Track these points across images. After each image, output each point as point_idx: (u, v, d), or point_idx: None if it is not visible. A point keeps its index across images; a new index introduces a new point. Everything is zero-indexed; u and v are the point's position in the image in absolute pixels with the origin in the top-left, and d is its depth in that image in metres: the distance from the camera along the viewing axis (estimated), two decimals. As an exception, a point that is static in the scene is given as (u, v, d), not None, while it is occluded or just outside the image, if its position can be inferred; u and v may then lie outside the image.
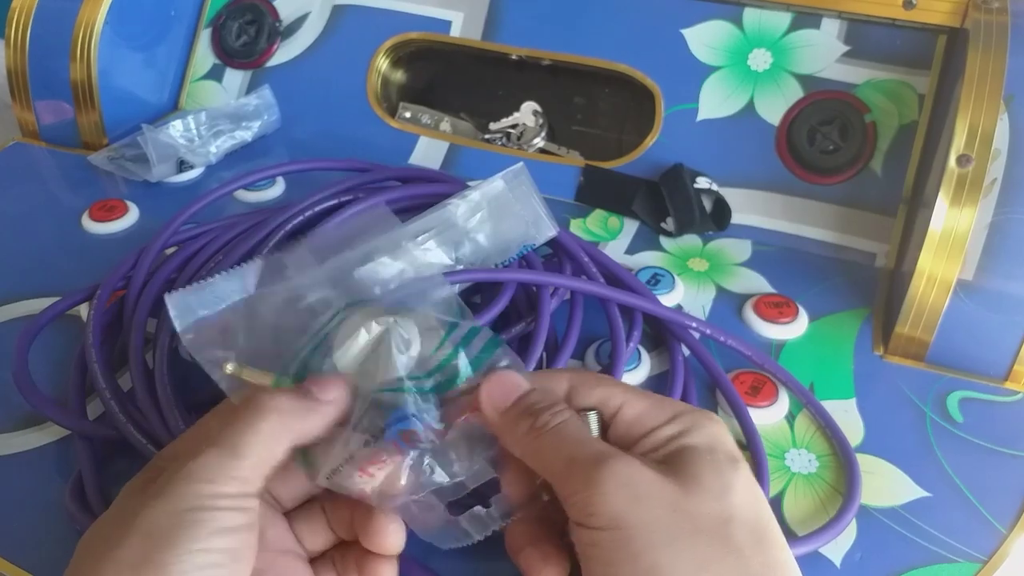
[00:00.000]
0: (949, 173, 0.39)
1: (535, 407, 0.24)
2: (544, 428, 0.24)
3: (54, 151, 0.59)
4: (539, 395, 0.25)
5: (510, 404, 0.25)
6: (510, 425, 0.25)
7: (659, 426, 0.24)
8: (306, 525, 0.27)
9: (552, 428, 0.24)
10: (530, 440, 0.24)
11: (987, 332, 0.40)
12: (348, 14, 0.60)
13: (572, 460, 0.23)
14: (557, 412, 0.24)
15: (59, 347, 0.40)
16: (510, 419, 0.25)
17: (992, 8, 0.44)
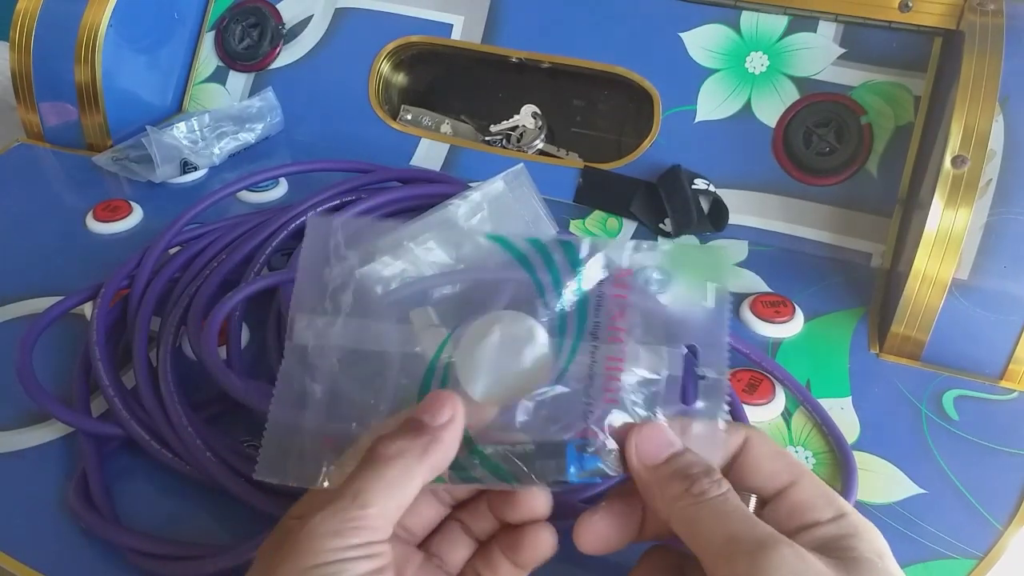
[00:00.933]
0: (945, 174, 0.39)
1: (690, 471, 0.23)
2: (703, 496, 0.22)
3: (58, 152, 0.60)
4: (694, 457, 0.24)
5: (661, 461, 0.23)
6: (660, 484, 0.23)
7: (826, 521, 0.23)
8: (445, 542, 0.26)
9: (713, 499, 0.22)
10: (684, 506, 0.22)
11: (982, 331, 0.40)
12: (350, 17, 0.61)
13: (735, 538, 0.21)
14: (717, 481, 0.23)
15: (63, 346, 0.40)
16: (661, 478, 0.23)
17: (987, 10, 0.45)
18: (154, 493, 0.34)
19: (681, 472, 0.23)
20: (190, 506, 0.33)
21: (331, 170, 0.52)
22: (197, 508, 0.33)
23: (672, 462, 0.23)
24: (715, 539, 0.22)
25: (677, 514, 0.23)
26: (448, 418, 0.23)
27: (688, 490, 0.22)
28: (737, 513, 0.22)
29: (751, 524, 0.22)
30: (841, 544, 0.22)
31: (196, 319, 0.38)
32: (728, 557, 0.21)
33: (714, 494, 0.22)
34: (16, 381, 0.36)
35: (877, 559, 0.22)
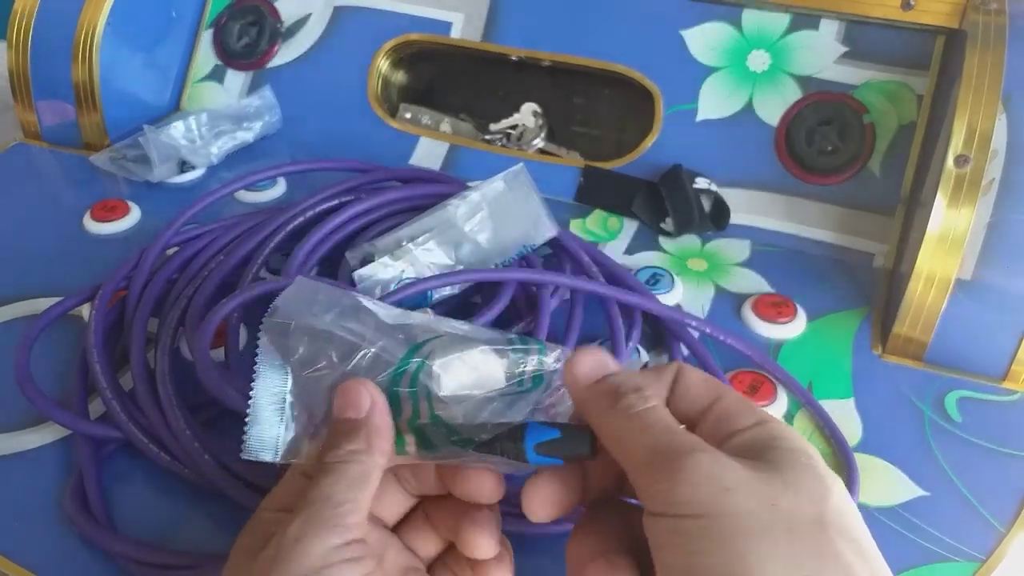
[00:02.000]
0: (947, 173, 0.39)
1: (621, 388, 0.23)
2: (629, 410, 0.22)
3: (56, 152, 0.59)
4: (627, 377, 0.24)
5: (594, 380, 0.24)
6: (593, 400, 0.24)
7: (748, 427, 0.23)
8: (416, 535, 0.27)
9: (637, 412, 0.22)
10: (612, 420, 0.23)
11: (985, 332, 0.40)
12: (349, 15, 0.60)
13: (656, 449, 0.21)
14: (645, 397, 0.23)
15: (61, 347, 0.40)
16: (593, 394, 0.24)
17: (990, 9, 0.44)
18: (152, 496, 0.33)
19: (611, 389, 0.23)
20: (188, 509, 0.33)
21: (330, 169, 0.52)
22: (195, 511, 0.33)
23: (604, 381, 0.24)
24: (638, 452, 0.22)
25: (605, 429, 0.23)
26: (369, 402, 0.24)
27: (615, 404, 0.23)
28: (659, 425, 0.22)
29: (671, 435, 0.22)
30: (762, 446, 0.22)
31: (194, 321, 0.37)
32: (649, 468, 0.21)
33: (639, 408, 0.23)
34: (13, 383, 0.36)
35: (800, 453, 0.22)
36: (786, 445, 0.22)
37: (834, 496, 0.21)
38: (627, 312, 0.41)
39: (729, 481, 0.20)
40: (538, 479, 0.25)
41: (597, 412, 0.23)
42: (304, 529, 0.22)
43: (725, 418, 0.23)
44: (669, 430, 0.22)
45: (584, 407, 0.24)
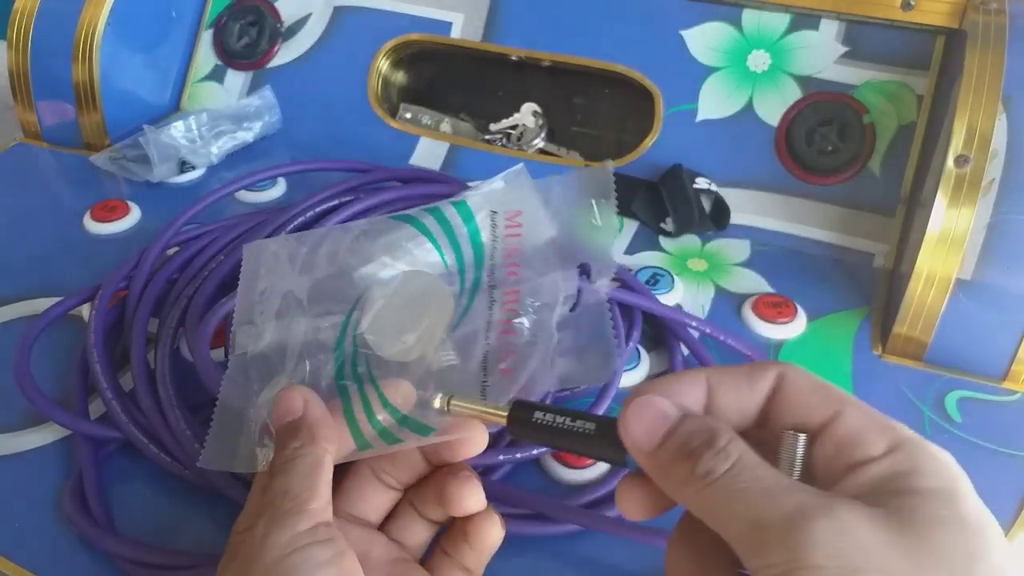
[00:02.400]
0: (947, 173, 0.39)
1: (690, 446, 0.19)
2: (710, 477, 0.19)
3: (56, 152, 0.59)
4: (694, 424, 0.20)
5: (658, 443, 0.20)
6: (664, 471, 0.20)
7: (879, 456, 0.18)
8: (404, 528, 0.28)
9: (723, 477, 0.18)
10: (695, 494, 0.19)
11: (985, 332, 0.40)
12: (349, 15, 0.60)
13: (759, 523, 0.17)
14: (721, 452, 0.19)
15: (61, 347, 0.40)
16: (662, 464, 0.20)
17: (990, 9, 0.44)
18: (152, 496, 0.33)
19: (681, 451, 0.19)
20: (188, 510, 0.33)
21: (330, 169, 0.52)
22: (195, 512, 0.33)
23: (669, 441, 0.20)
24: (738, 526, 0.18)
25: (691, 502, 0.19)
26: (301, 401, 0.25)
27: (693, 473, 0.19)
28: (755, 487, 0.18)
29: (773, 497, 0.18)
30: (897, 485, 0.18)
31: (194, 321, 0.37)
32: (756, 545, 0.17)
33: (721, 471, 0.18)
34: (13, 383, 0.36)
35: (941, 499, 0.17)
36: (928, 485, 0.18)
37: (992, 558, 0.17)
38: (627, 312, 0.41)
39: (857, 558, 0.16)
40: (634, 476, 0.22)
41: (675, 484, 0.19)
42: (268, 527, 0.22)
43: (848, 444, 0.19)
44: (770, 491, 0.18)
45: (657, 480, 0.20)
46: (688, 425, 0.20)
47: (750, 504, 0.18)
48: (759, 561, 0.17)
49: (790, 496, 0.18)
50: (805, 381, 0.20)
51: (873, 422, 0.19)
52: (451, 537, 0.27)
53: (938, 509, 0.17)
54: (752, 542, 0.18)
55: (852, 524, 0.17)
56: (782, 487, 0.18)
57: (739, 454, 0.19)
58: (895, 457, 0.18)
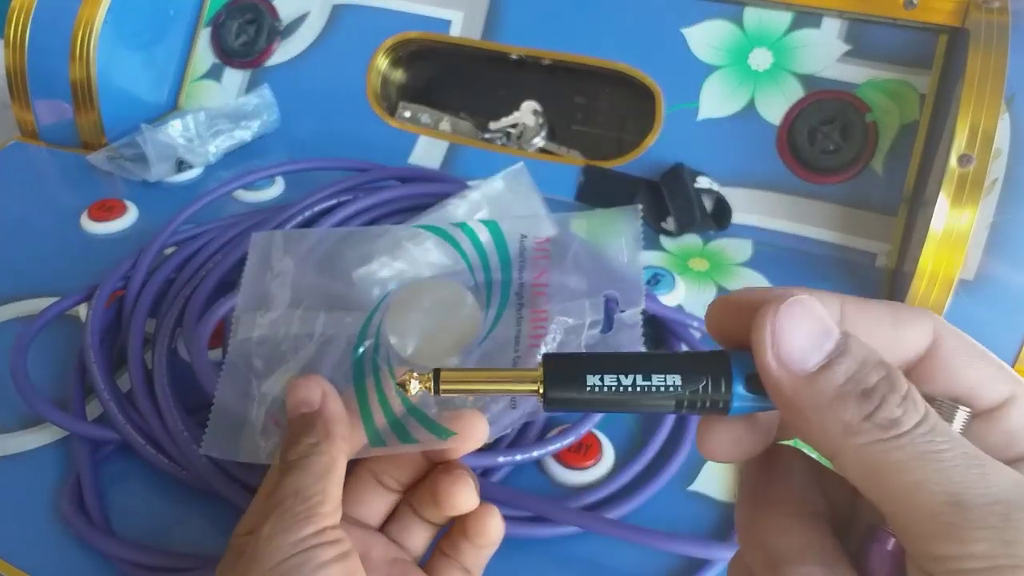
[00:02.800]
0: (950, 173, 0.39)
1: (866, 382, 0.15)
2: (895, 430, 0.14)
3: (53, 151, 0.59)
4: (867, 353, 0.15)
5: (818, 364, 0.15)
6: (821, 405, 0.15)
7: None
8: (403, 530, 0.27)
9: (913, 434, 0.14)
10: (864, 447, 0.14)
11: (988, 332, 0.40)
12: (348, 13, 0.60)
13: (962, 501, 0.14)
14: (909, 399, 0.14)
15: (58, 348, 0.40)
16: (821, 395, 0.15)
17: (993, 8, 0.44)
18: (149, 498, 0.33)
19: (853, 387, 0.14)
20: (186, 511, 0.33)
21: (328, 168, 0.52)
22: (193, 513, 0.32)
23: (835, 368, 0.15)
24: (925, 500, 0.14)
25: (853, 456, 0.15)
26: (319, 393, 0.24)
27: (869, 418, 0.14)
28: (954, 454, 0.14)
29: (982, 472, 0.14)
30: None
31: (192, 321, 0.37)
32: (954, 532, 0.13)
33: (911, 424, 0.14)
34: (10, 384, 0.36)
35: None
36: None
37: None
38: (628, 312, 0.40)
39: None
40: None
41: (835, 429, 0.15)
42: (275, 528, 0.22)
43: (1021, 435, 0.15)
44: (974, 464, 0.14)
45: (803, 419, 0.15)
46: (859, 351, 0.15)
47: (946, 474, 0.14)
48: (953, 549, 0.13)
49: (1002, 473, 0.14)
50: (966, 347, 0.16)
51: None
52: (450, 537, 0.27)
53: None
54: (944, 524, 0.14)
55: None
56: (987, 459, 0.14)
57: (927, 407, 0.14)
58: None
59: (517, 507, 0.31)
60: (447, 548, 0.27)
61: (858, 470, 0.15)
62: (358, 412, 0.25)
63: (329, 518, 0.22)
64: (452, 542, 0.27)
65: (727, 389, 0.16)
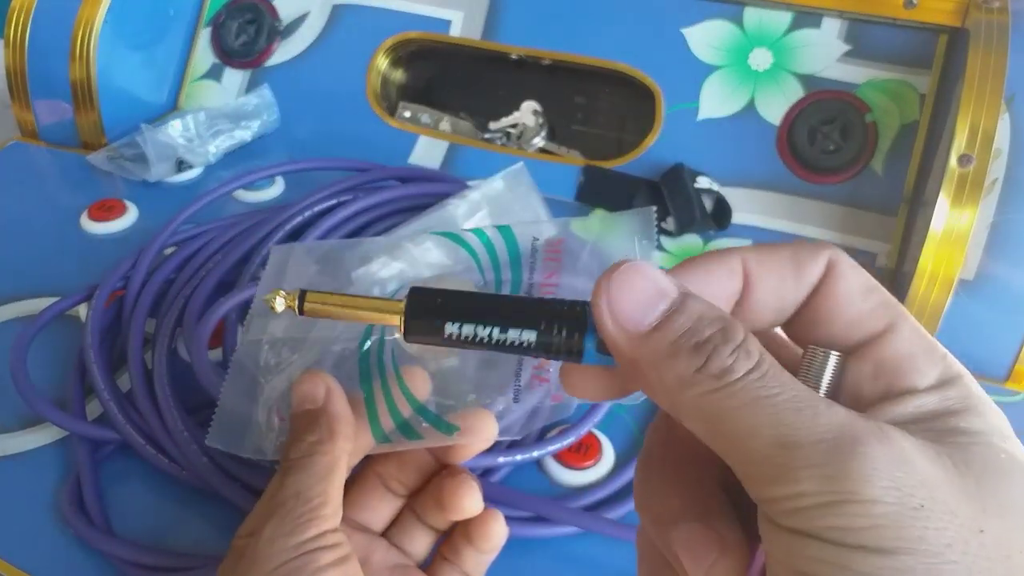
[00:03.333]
0: (950, 173, 0.39)
1: (700, 335, 0.15)
2: (726, 378, 0.14)
3: (53, 151, 0.59)
4: (703, 309, 0.15)
5: (653, 322, 0.15)
6: (656, 360, 0.15)
7: (926, 389, 0.15)
8: (406, 536, 0.27)
9: (743, 380, 0.14)
10: (699, 397, 0.14)
11: (988, 332, 0.40)
12: (348, 13, 0.60)
13: (789, 441, 0.14)
14: (741, 348, 0.15)
15: (58, 348, 0.40)
16: (656, 350, 0.15)
17: (993, 7, 0.44)
18: (149, 498, 0.33)
19: (686, 340, 0.15)
20: (186, 511, 0.33)
21: (328, 168, 0.52)
22: (193, 513, 0.32)
23: (669, 325, 0.15)
24: (755, 443, 0.14)
25: (689, 407, 0.15)
26: (324, 391, 0.24)
27: (702, 369, 0.14)
28: (785, 397, 0.14)
29: (810, 413, 0.14)
30: (947, 424, 0.15)
31: (192, 321, 0.37)
32: (782, 470, 0.13)
33: (742, 371, 0.14)
34: (10, 384, 0.36)
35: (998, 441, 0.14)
36: (979, 425, 0.15)
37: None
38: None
39: (919, 492, 0.13)
40: None
41: (670, 383, 0.15)
42: (276, 530, 0.22)
43: (895, 366, 0.15)
44: (804, 405, 0.14)
45: (643, 373, 0.15)
46: (694, 307, 0.15)
47: (778, 416, 0.14)
48: (783, 490, 0.14)
49: (832, 412, 0.14)
50: (857, 278, 0.16)
51: (926, 348, 0.16)
52: (452, 542, 0.27)
53: (996, 453, 0.14)
54: (775, 466, 0.14)
55: (911, 454, 0.13)
56: (817, 400, 0.14)
57: (761, 353, 0.15)
58: (945, 392, 0.15)
59: (517, 507, 0.31)
60: (448, 553, 0.27)
61: (697, 421, 0.15)
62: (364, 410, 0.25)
63: (329, 521, 0.22)
64: (454, 547, 0.27)
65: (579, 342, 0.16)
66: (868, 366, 0.16)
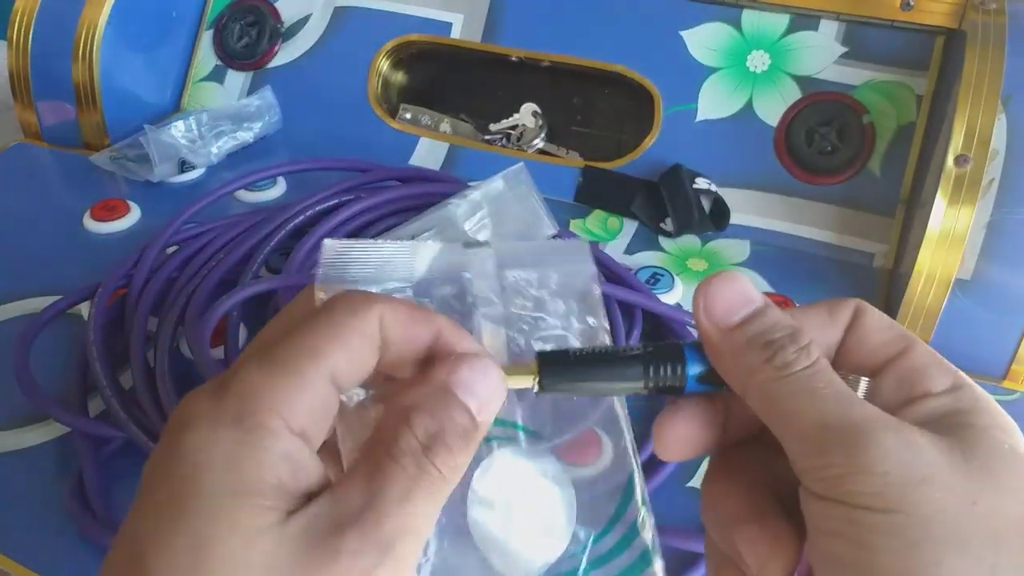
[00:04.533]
0: (947, 173, 0.39)
1: (772, 335, 0.19)
2: (787, 369, 0.18)
3: (56, 151, 0.59)
4: (778, 317, 0.19)
5: (737, 320, 0.19)
6: (734, 352, 0.19)
7: (939, 392, 0.19)
8: None
9: (799, 373, 0.18)
10: (764, 382, 0.18)
11: (985, 332, 0.40)
12: (349, 16, 0.61)
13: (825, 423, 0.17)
14: (805, 349, 0.18)
15: (61, 346, 0.40)
16: (735, 344, 0.19)
17: (989, 9, 0.45)
18: (151, 494, 0.33)
19: (760, 338, 0.19)
20: (187, 508, 0.33)
21: (329, 169, 0.52)
22: (194, 510, 0.33)
23: (749, 324, 0.19)
24: (801, 423, 0.18)
25: (755, 390, 0.19)
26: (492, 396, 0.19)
27: (769, 361, 0.18)
28: (829, 391, 0.18)
29: (846, 404, 0.18)
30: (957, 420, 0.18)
31: (193, 319, 0.37)
32: (818, 446, 0.17)
33: (800, 366, 0.18)
34: (13, 381, 0.36)
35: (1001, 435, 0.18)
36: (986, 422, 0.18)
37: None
38: (628, 311, 0.41)
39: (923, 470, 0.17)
40: (676, 411, 0.21)
41: (743, 369, 0.19)
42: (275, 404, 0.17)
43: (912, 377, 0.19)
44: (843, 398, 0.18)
45: (723, 360, 0.19)
46: (772, 315, 0.19)
47: (821, 403, 0.18)
48: (818, 461, 0.17)
49: (863, 407, 0.18)
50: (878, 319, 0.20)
51: (938, 361, 0.19)
52: None
53: (1000, 444, 0.17)
54: (814, 442, 0.17)
55: (919, 441, 0.17)
56: (855, 399, 0.18)
57: (819, 356, 0.18)
58: (957, 395, 0.19)
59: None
60: None
61: (758, 402, 0.19)
62: None
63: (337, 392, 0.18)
64: None
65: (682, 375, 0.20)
66: (891, 379, 0.19)
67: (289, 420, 0.17)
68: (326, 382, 0.17)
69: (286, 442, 0.16)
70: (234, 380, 0.17)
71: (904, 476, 0.17)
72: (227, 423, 0.16)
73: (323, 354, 0.17)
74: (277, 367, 0.17)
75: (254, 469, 0.16)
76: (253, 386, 0.17)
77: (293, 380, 0.17)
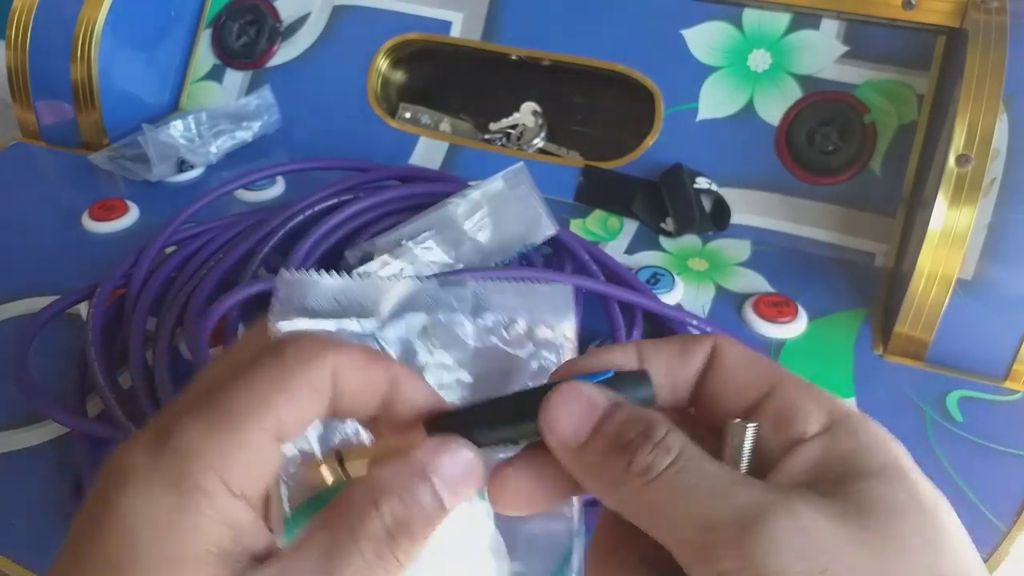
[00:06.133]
0: (948, 173, 0.39)
1: (627, 436, 0.17)
2: (650, 474, 0.16)
3: (54, 151, 0.59)
4: (626, 413, 0.17)
5: (586, 437, 0.17)
6: (594, 467, 0.17)
7: (817, 434, 0.17)
8: None
9: (664, 474, 0.16)
10: (631, 495, 0.17)
11: (986, 331, 0.40)
12: (348, 15, 0.60)
13: (708, 524, 0.15)
14: (660, 444, 0.16)
15: (59, 345, 0.40)
16: (591, 462, 0.17)
17: (991, 8, 0.44)
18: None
19: (614, 445, 0.17)
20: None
21: (329, 168, 0.52)
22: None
23: (599, 434, 0.17)
24: (682, 529, 0.16)
25: (625, 505, 0.17)
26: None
27: (629, 467, 0.16)
28: (703, 484, 0.16)
29: (724, 495, 0.16)
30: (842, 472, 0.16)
31: (192, 319, 0.37)
32: (705, 551, 0.15)
33: (662, 466, 0.16)
34: (11, 381, 0.36)
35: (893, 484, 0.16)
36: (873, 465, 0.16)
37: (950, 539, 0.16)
38: (628, 311, 0.40)
39: (822, 559, 0.15)
40: (513, 462, 0.19)
41: (607, 484, 0.17)
42: None
43: (785, 417, 0.17)
44: (718, 490, 0.16)
45: (584, 481, 0.18)
46: (620, 415, 0.17)
47: (697, 503, 0.16)
48: (709, 569, 0.15)
49: (742, 492, 0.16)
50: (739, 354, 0.18)
51: (807, 396, 0.18)
52: None
53: (893, 493, 0.16)
54: (700, 548, 0.15)
55: (813, 520, 0.15)
56: (732, 482, 0.16)
57: (680, 446, 0.16)
58: (835, 434, 0.17)
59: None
60: None
61: (634, 515, 0.17)
62: None
63: None
64: None
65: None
66: (768, 422, 0.18)
67: (229, 481, 0.16)
68: (270, 438, 0.16)
69: (226, 505, 0.16)
70: (172, 433, 0.16)
71: (805, 570, 0.15)
72: (163, 484, 0.15)
73: (268, 407, 0.16)
74: (218, 421, 0.16)
75: (192, 536, 0.15)
76: (191, 442, 0.16)
77: (235, 437, 0.16)
